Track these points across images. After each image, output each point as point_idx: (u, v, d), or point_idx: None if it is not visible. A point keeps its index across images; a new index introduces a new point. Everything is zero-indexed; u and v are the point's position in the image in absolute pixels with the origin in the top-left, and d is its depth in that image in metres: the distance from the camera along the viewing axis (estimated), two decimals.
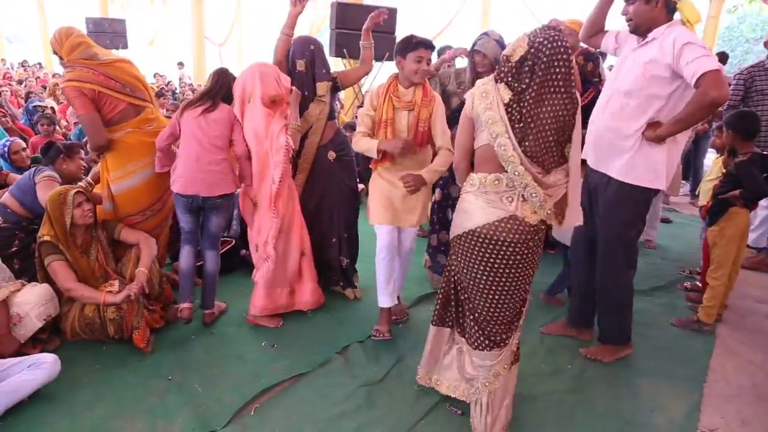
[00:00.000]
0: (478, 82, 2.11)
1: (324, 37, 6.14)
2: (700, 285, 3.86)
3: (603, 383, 2.77)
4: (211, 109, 3.02)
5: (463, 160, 2.24)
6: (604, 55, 3.91)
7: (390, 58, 4.75)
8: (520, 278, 2.16)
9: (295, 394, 2.59)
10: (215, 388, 2.59)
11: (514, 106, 1.99)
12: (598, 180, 2.74)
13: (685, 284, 4.05)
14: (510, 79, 2.01)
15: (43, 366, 2.38)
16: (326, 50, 3.66)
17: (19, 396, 2.30)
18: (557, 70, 1.95)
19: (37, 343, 2.78)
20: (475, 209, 2.09)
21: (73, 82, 2.93)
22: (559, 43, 1.95)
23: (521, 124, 1.99)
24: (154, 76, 14.09)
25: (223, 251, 3.62)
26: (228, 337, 3.07)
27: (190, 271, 3.22)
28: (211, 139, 3.01)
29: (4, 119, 5.70)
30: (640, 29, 2.54)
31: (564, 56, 1.95)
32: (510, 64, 2.00)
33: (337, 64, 6.43)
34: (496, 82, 2.04)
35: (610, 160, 2.65)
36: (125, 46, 14.21)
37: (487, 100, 2.01)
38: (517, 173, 2.00)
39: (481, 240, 2.09)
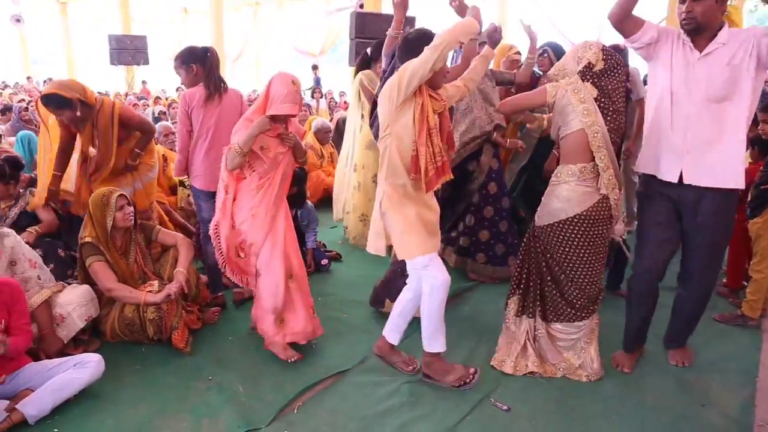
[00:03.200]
0: (563, 81, 2.53)
1: (342, 48, 6.13)
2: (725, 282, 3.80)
3: (651, 377, 2.70)
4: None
5: (512, 113, 3.01)
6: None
7: None
8: (605, 246, 2.65)
9: (337, 392, 2.57)
10: (256, 388, 2.58)
11: (602, 100, 2.47)
12: (688, 194, 2.54)
13: (723, 281, 3.96)
14: (595, 80, 2.48)
15: (88, 365, 2.40)
16: (345, 60, 3.54)
17: (66, 394, 2.32)
18: (623, 79, 2.53)
19: (78, 344, 2.81)
20: (578, 196, 2.51)
21: None
22: (623, 62, 2.55)
23: (607, 117, 2.46)
24: (177, 89, 14.32)
25: None
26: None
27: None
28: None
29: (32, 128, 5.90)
30: (703, 30, 2.39)
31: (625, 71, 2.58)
32: (594, 70, 2.49)
33: None
34: (583, 81, 2.48)
35: (712, 169, 2.48)
36: (146, 62, 14.46)
37: (580, 94, 2.46)
38: (602, 157, 2.44)
39: (585, 221, 2.52)
